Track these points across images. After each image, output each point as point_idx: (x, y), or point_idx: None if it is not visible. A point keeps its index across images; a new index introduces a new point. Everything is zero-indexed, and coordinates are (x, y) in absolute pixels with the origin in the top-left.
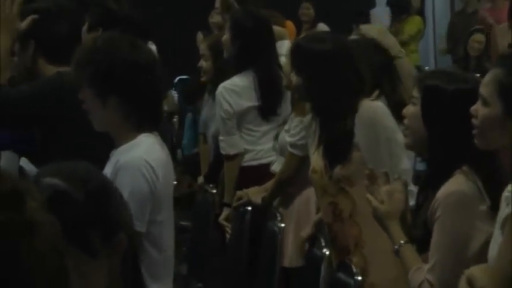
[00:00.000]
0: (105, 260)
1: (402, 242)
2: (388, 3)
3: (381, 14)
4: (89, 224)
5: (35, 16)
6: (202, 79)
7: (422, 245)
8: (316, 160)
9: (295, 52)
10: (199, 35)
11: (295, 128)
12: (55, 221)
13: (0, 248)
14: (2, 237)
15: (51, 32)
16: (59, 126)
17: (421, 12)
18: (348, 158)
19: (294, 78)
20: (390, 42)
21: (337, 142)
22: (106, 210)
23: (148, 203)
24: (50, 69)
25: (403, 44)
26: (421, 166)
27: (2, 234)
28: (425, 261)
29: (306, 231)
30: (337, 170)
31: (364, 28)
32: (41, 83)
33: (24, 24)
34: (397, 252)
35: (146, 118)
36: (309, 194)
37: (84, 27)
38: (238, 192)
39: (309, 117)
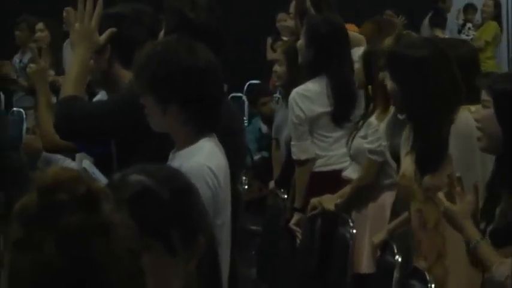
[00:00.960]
0: (183, 260)
1: (478, 238)
2: None
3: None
4: (171, 222)
5: (114, 29)
6: (276, 84)
7: (502, 240)
8: (407, 165)
9: (391, 58)
10: (269, 40)
11: (373, 134)
12: (130, 223)
13: (77, 250)
14: (78, 239)
15: (127, 37)
16: (135, 135)
17: (496, 18)
18: (439, 168)
19: (389, 84)
20: None
21: (431, 151)
22: (188, 211)
23: (210, 209)
24: (125, 74)
25: (480, 50)
26: None
27: (78, 236)
28: (504, 256)
29: (379, 237)
30: (427, 179)
31: None
32: (116, 97)
33: (103, 38)
34: (473, 249)
35: (205, 122)
36: (385, 200)
37: (161, 34)
38: (312, 201)
39: (384, 123)
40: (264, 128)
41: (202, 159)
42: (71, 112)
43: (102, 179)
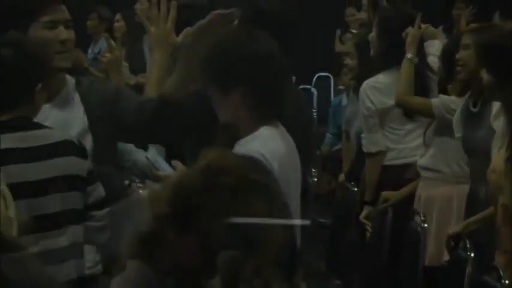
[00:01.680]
0: None
1: None
2: None
3: None
4: None
5: (190, 28)
6: (348, 77)
7: None
8: (498, 160)
9: (488, 50)
10: (338, 32)
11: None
12: None
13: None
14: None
15: None
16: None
17: None
18: None
19: (485, 76)
20: None
21: None
22: None
23: None
24: None
25: None
26: None
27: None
28: None
29: (454, 229)
30: None
31: None
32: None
33: (180, 39)
34: None
35: (267, 110)
36: (452, 192)
37: (235, 23)
38: (384, 194)
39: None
40: (345, 101)
41: (257, 145)
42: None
43: (166, 168)
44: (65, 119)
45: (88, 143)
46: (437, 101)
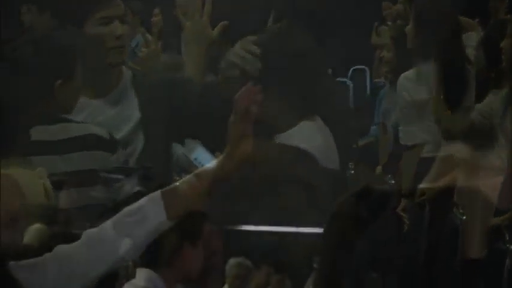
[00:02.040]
0: None
1: None
2: None
3: None
4: None
5: (226, 23)
6: (384, 69)
7: None
8: None
9: None
10: (375, 25)
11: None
12: None
13: None
14: None
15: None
16: None
17: None
18: None
19: None
20: None
21: None
22: None
23: None
24: None
25: None
26: None
27: None
28: None
29: (495, 220)
30: None
31: None
32: None
33: (216, 32)
34: None
35: (306, 104)
36: (493, 185)
37: (270, 20)
38: (421, 186)
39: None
40: None
41: (297, 140)
42: None
43: (206, 161)
44: (118, 114)
45: (140, 139)
46: (475, 114)
